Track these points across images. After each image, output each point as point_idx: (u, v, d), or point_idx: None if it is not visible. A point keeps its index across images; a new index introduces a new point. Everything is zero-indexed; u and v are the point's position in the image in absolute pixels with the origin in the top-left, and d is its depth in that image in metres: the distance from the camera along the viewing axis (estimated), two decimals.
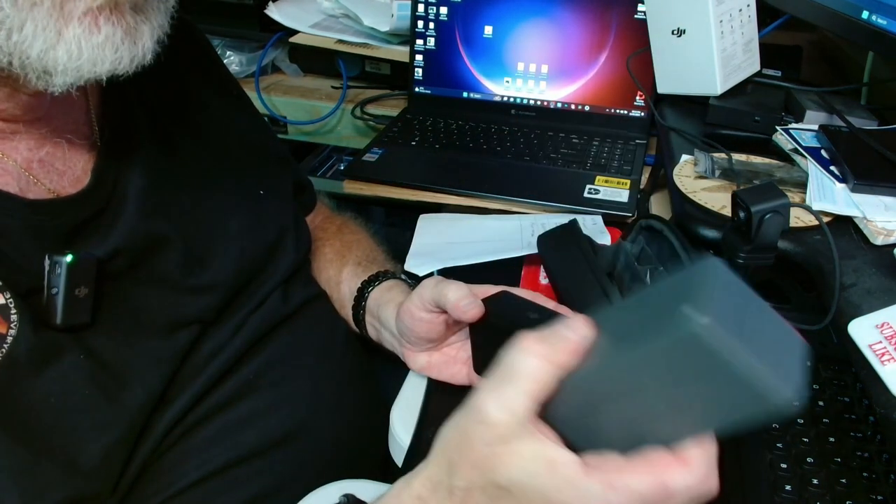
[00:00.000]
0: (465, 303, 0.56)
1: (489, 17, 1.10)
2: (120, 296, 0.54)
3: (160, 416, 0.55)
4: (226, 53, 1.26)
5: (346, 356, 0.72)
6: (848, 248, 0.63)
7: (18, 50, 0.43)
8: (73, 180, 0.54)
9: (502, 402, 0.35)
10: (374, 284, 0.72)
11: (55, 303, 0.49)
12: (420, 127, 1.10)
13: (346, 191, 0.98)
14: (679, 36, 0.88)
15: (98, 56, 0.44)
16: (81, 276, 0.50)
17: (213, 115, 0.67)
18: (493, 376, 0.36)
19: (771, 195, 0.58)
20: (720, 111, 0.89)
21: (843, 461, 0.56)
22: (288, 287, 0.68)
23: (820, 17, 0.86)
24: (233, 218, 0.64)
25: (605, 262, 0.70)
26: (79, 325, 0.50)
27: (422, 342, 0.62)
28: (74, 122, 0.55)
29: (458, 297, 0.55)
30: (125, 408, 0.51)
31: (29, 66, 0.44)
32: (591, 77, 1.09)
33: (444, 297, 0.56)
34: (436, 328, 0.60)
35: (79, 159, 0.55)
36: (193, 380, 0.57)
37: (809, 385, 0.30)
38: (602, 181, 0.95)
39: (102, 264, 0.52)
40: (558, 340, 0.35)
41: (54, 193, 0.52)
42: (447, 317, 0.59)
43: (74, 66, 0.44)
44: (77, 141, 0.55)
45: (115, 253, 0.53)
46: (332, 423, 0.66)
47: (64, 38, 0.43)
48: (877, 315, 0.53)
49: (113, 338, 0.52)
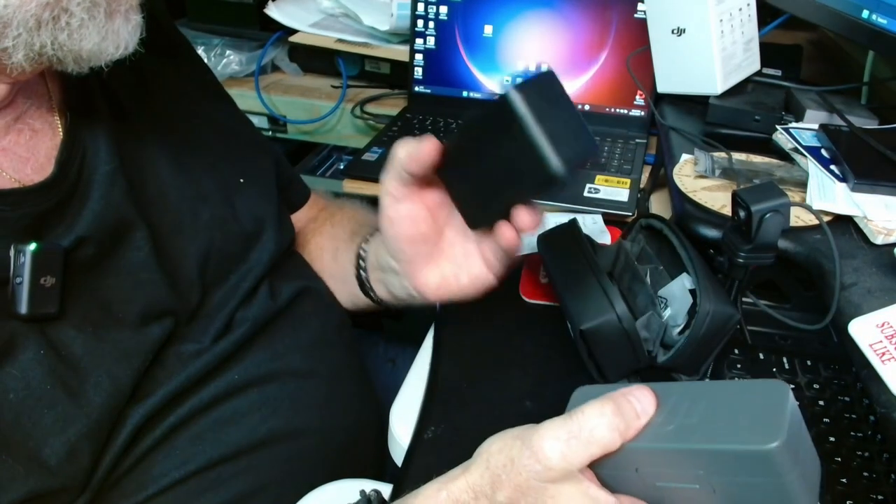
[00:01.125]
0: (413, 142, 0.51)
1: (489, 16, 1.10)
2: (89, 287, 0.54)
3: (132, 411, 0.54)
4: (225, 52, 1.26)
5: (338, 352, 0.71)
6: (848, 248, 0.63)
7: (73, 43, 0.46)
8: (38, 167, 0.53)
9: (566, 455, 0.39)
10: (367, 241, 0.69)
11: (20, 293, 0.48)
12: (420, 126, 1.10)
13: (346, 190, 0.98)
14: (679, 35, 0.88)
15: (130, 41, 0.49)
16: (47, 265, 0.50)
17: (185, 105, 0.67)
18: (564, 425, 0.40)
19: (771, 194, 0.58)
20: (720, 110, 0.89)
21: (843, 461, 0.56)
22: (274, 280, 0.67)
23: (820, 16, 0.86)
24: (205, 207, 0.62)
25: (605, 262, 0.70)
26: (46, 316, 0.50)
27: (418, 246, 0.56)
28: (37, 108, 0.55)
29: (404, 143, 0.51)
30: (89, 401, 0.51)
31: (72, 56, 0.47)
32: (591, 76, 1.09)
33: (395, 162, 0.51)
34: (420, 216, 0.55)
35: (42, 146, 0.54)
36: (171, 376, 0.57)
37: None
38: (602, 180, 0.94)
39: (69, 254, 0.52)
40: (633, 419, 0.40)
41: (18, 182, 0.52)
42: (420, 193, 0.54)
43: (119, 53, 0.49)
44: (40, 128, 0.54)
45: (80, 241, 0.53)
46: (321, 421, 0.65)
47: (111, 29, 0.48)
48: (877, 314, 0.53)
49: (82, 330, 0.52)
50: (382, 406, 0.71)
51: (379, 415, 0.74)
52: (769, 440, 0.35)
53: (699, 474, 0.38)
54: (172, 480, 0.55)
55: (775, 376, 0.65)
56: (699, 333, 0.57)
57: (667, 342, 0.60)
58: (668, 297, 0.64)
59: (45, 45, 0.46)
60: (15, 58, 0.45)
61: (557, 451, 0.39)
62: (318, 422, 0.65)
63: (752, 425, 0.36)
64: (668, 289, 0.64)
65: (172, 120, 0.64)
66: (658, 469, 0.40)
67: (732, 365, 0.66)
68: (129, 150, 0.59)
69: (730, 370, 0.65)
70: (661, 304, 0.64)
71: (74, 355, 0.51)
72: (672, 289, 0.63)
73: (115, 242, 0.56)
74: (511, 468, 0.40)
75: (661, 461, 0.39)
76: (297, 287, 0.70)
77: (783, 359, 0.66)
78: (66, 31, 0.46)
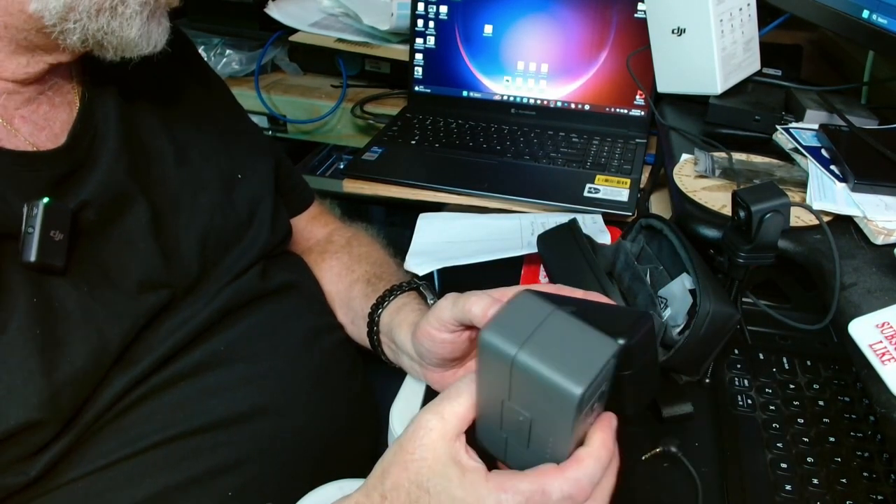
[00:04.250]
0: (493, 311, 0.52)
1: (489, 16, 1.10)
2: (91, 250, 0.57)
3: (121, 374, 0.56)
4: (225, 52, 1.26)
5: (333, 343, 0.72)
6: (848, 248, 0.63)
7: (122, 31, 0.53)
8: (52, 136, 0.58)
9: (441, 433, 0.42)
10: (383, 306, 0.70)
11: (30, 241, 0.51)
12: (420, 126, 1.10)
13: (346, 190, 0.98)
14: (679, 35, 0.88)
15: (159, 40, 0.57)
16: (57, 220, 0.53)
17: (191, 103, 0.70)
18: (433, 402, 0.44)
19: (771, 194, 0.58)
20: (720, 110, 0.89)
21: (843, 461, 0.56)
22: (268, 266, 0.70)
23: (820, 16, 0.86)
24: (204, 195, 0.66)
25: (605, 262, 0.70)
26: (52, 268, 0.53)
27: (445, 363, 0.59)
28: (59, 86, 0.59)
29: (485, 308, 0.51)
30: (75, 350, 0.53)
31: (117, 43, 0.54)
32: (591, 76, 1.09)
33: (468, 313, 0.52)
34: (460, 346, 0.57)
35: (58, 118, 0.59)
36: (160, 343, 0.59)
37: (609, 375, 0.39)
38: (602, 180, 0.94)
39: (75, 216, 0.55)
40: None
41: (33, 146, 0.56)
42: (471, 332, 0.56)
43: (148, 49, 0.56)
44: (59, 102, 0.59)
45: (84, 204, 0.56)
46: (305, 406, 0.65)
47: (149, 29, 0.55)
48: (877, 315, 0.53)
49: (77, 287, 0.55)
50: (382, 406, 0.71)
51: (376, 413, 0.74)
52: (575, 384, 0.36)
53: (508, 401, 0.39)
54: (151, 443, 0.57)
55: (775, 376, 0.65)
56: (699, 333, 0.57)
57: (667, 342, 0.60)
58: (667, 297, 0.64)
59: (99, 30, 0.52)
60: (70, 39, 0.52)
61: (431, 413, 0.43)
62: (304, 408, 0.65)
63: (572, 362, 0.37)
64: (667, 289, 0.64)
65: (179, 115, 0.68)
66: (504, 421, 0.41)
67: (732, 365, 0.66)
68: (136, 133, 0.63)
69: (730, 370, 0.65)
70: (660, 304, 0.64)
71: (65, 309, 0.53)
72: (672, 289, 0.63)
73: (115, 211, 0.59)
74: (398, 450, 0.43)
75: (494, 411, 0.41)
76: (290, 278, 0.72)
77: (783, 359, 0.66)
78: (119, 20, 0.53)
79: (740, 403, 0.62)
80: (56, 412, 0.52)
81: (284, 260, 0.74)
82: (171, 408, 0.59)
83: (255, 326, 0.66)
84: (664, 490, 0.56)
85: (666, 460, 0.58)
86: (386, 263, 0.80)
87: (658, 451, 0.58)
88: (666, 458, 0.58)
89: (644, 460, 0.58)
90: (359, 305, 0.74)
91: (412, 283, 0.72)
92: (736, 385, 0.64)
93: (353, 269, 0.78)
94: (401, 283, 0.72)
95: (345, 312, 0.76)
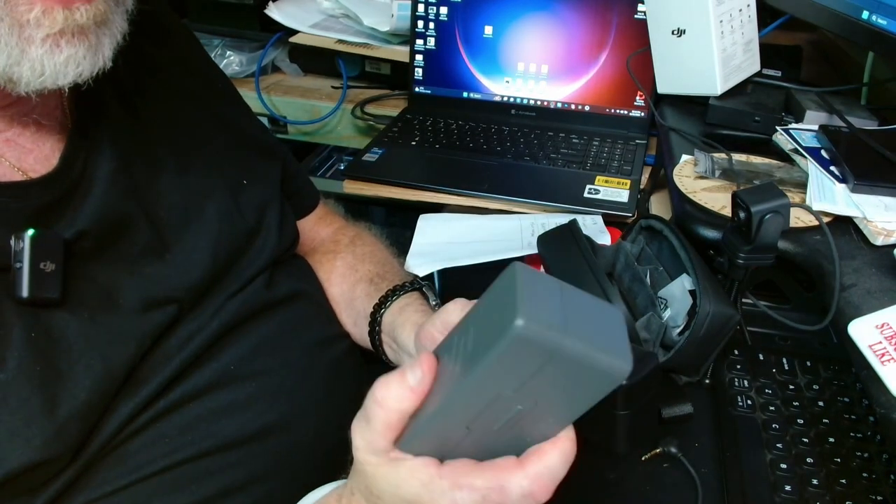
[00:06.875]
0: None
1: (489, 17, 1.10)
2: (89, 275, 0.54)
3: (126, 399, 0.54)
4: (226, 53, 1.26)
5: (336, 352, 0.71)
6: (848, 249, 0.63)
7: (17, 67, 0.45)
8: (41, 159, 0.54)
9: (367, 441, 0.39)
10: (386, 306, 0.70)
11: (20, 277, 0.49)
12: (420, 127, 1.10)
13: (346, 191, 0.98)
14: (679, 36, 0.88)
15: (61, 72, 0.47)
16: (46, 250, 0.50)
17: (193, 105, 0.68)
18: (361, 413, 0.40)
19: (771, 195, 0.58)
20: (720, 111, 0.89)
21: (842, 462, 0.56)
22: (274, 273, 0.68)
23: (820, 17, 0.86)
24: (210, 202, 0.63)
25: (605, 262, 0.70)
26: (48, 301, 0.51)
27: None
28: (46, 104, 0.55)
29: None
30: (78, 383, 0.51)
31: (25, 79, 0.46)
32: (592, 77, 1.09)
33: None
34: None
35: (48, 139, 0.55)
36: (166, 363, 0.57)
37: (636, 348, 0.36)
38: (602, 181, 0.95)
39: (69, 244, 0.53)
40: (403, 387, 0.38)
41: (21, 172, 0.52)
42: None
43: (38, 80, 0.46)
44: (47, 122, 0.55)
45: (80, 235, 0.53)
46: (316, 420, 0.65)
47: (27, 56, 0.45)
48: (877, 315, 0.53)
49: (76, 314, 0.52)
50: None
51: None
52: (508, 324, 0.31)
53: (508, 395, 0.35)
54: (159, 468, 0.55)
55: (775, 377, 0.65)
56: (699, 334, 0.57)
57: (667, 343, 0.60)
58: (667, 297, 0.64)
59: None
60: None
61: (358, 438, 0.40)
62: (314, 421, 0.65)
63: (497, 320, 0.32)
64: (667, 289, 0.64)
65: (180, 119, 0.65)
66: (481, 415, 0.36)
67: (732, 365, 0.66)
68: (134, 148, 0.59)
69: (730, 371, 0.65)
70: (660, 305, 0.64)
71: (66, 339, 0.51)
72: (672, 289, 0.63)
73: (113, 236, 0.56)
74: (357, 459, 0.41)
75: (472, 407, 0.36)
76: (297, 287, 0.70)
77: (783, 359, 0.67)
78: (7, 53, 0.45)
79: (740, 404, 0.62)
80: (61, 450, 0.50)
81: (290, 265, 0.73)
82: (180, 430, 0.57)
83: (263, 340, 0.64)
84: (664, 490, 0.56)
85: (666, 461, 0.58)
86: (389, 263, 0.79)
87: (658, 452, 0.58)
88: (666, 458, 0.58)
89: (644, 460, 0.58)
90: (361, 305, 0.74)
91: (415, 283, 0.72)
92: (736, 386, 0.64)
93: (357, 269, 0.78)
94: (403, 283, 0.72)
95: (348, 314, 0.76)
